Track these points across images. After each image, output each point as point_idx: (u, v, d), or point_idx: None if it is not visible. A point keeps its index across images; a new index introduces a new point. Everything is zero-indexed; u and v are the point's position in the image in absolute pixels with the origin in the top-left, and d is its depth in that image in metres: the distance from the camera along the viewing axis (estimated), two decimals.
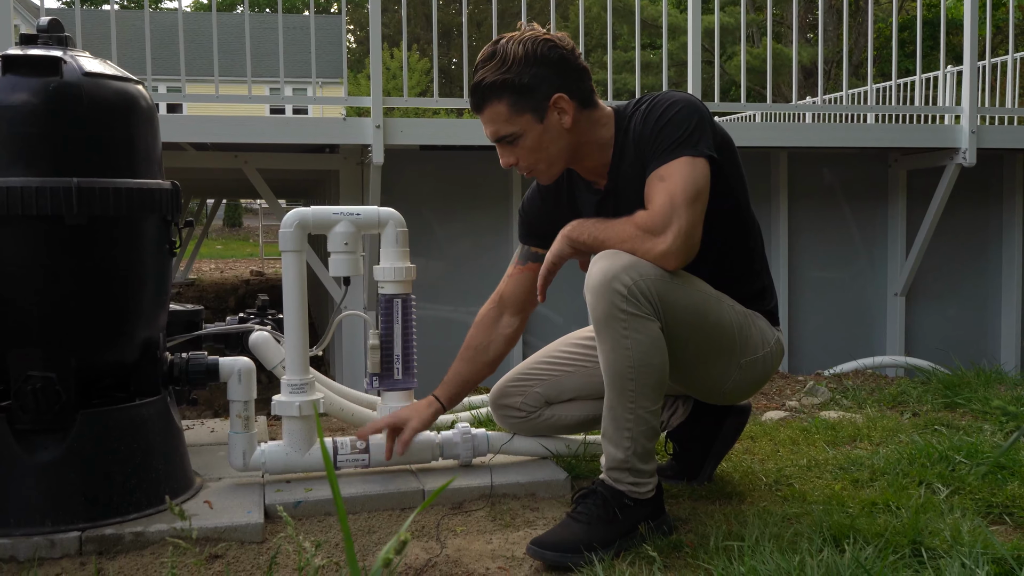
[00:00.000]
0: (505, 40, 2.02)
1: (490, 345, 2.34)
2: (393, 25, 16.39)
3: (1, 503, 1.96)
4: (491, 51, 2.02)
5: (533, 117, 2.01)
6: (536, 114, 2.01)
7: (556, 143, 2.05)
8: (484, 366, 2.35)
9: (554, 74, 2.00)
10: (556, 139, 2.04)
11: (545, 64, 1.99)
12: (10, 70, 1.96)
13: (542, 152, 2.06)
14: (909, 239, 5.42)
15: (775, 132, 5.18)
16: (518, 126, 2.02)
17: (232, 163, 4.88)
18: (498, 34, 2.13)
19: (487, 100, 2.02)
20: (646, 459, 1.95)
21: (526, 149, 2.05)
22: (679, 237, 1.88)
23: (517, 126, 2.02)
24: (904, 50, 11.45)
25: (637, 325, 1.87)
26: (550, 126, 2.03)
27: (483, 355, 2.34)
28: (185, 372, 2.25)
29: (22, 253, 1.98)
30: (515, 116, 2.01)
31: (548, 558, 1.87)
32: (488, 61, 2.01)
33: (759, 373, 2.15)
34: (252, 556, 1.93)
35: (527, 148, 2.05)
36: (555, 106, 2.01)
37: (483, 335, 2.34)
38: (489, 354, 2.34)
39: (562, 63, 2.01)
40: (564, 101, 2.01)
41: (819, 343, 5.45)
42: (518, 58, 1.98)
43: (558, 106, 2.02)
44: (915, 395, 3.56)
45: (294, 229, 2.27)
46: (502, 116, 2.02)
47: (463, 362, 2.34)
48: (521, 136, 2.03)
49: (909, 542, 1.85)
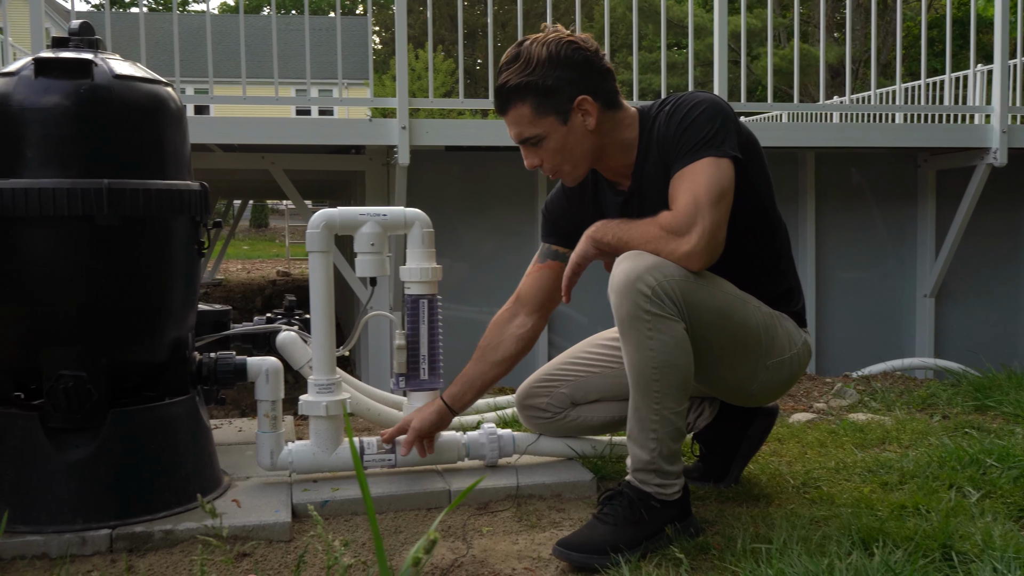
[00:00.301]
0: (529, 42, 2.02)
1: (500, 345, 2.31)
2: (418, 26, 16.45)
3: (33, 500, 1.99)
4: (515, 53, 2.02)
5: (557, 119, 2.01)
6: (560, 116, 2.01)
7: (580, 145, 2.05)
8: (493, 366, 2.31)
9: (578, 76, 2.00)
10: (580, 141, 2.04)
11: (569, 66, 1.99)
12: (42, 73, 1.99)
13: (566, 154, 2.05)
14: (939, 240, 5.37)
15: (802, 132, 5.14)
16: (542, 128, 2.02)
17: (259, 164, 4.92)
18: (523, 35, 2.13)
19: (511, 102, 2.03)
20: (672, 460, 1.94)
21: (550, 151, 2.05)
22: (703, 237, 1.88)
23: (541, 128, 2.02)
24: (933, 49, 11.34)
25: (661, 326, 1.87)
26: (574, 128, 2.02)
27: (492, 354, 2.31)
28: (214, 372, 2.27)
29: (54, 253, 2.00)
30: (539, 118, 2.01)
31: (574, 559, 1.87)
32: (512, 63, 2.01)
33: (786, 375, 2.14)
34: (280, 555, 1.94)
35: (551, 150, 2.05)
36: (579, 108, 2.01)
37: (494, 334, 2.33)
38: (499, 353, 2.31)
39: (586, 65, 2.01)
40: (588, 103, 2.01)
41: (847, 345, 5.41)
42: (542, 60, 1.98)
43: (582, 108, 2.01)
44: (945, 397, 3.52)
45: (321, 230, 2.28)
46: (526, 118, 2.02)
47: (473, 362, 2.33)
48: (545, 138, 2.03)
49: (939, 546, 1.83)
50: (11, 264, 1.99)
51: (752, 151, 2.04)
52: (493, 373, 2.32)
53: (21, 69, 2.01)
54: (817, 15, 18.14)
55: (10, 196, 1.92)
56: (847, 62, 5.45)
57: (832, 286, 5.41)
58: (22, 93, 1.97)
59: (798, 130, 5.22)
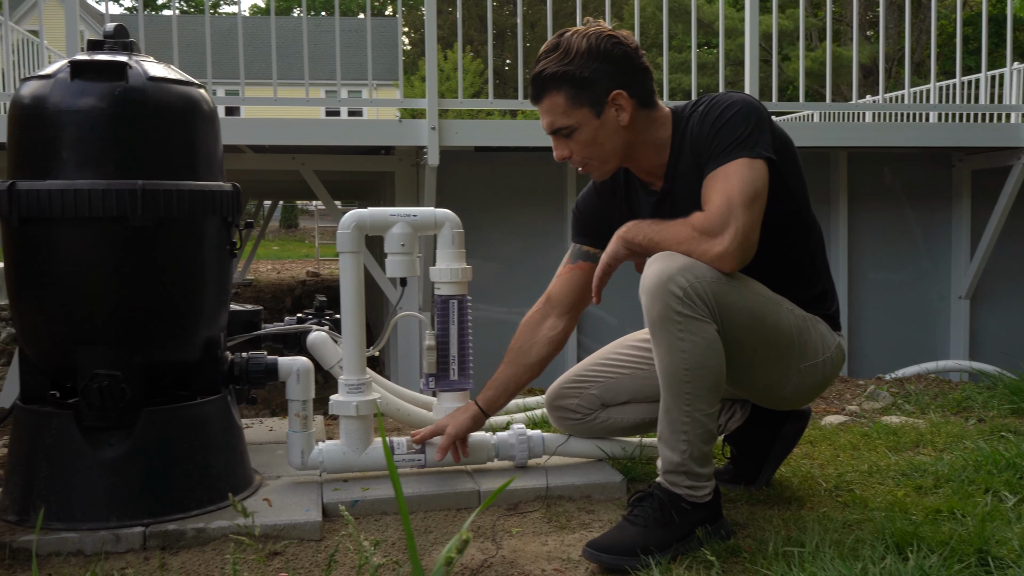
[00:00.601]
0: (570, 33, 2.01)
1: (532, 347, 2.31)
2: (447, 27, 16.50)
3: (68, 498, 2.01)
4: (555, 43, 2.01)
5: (591, 111, 2.00)
6: (594, 108, 2.00)
7: (612, 139, 2.04)
8: (526, 369, 2.31)
9: (615, 70, 1.99)
10: (612, 135, 2.03)
11: (607, 60, 1.99)
12: (78, 75, 2.01)
13: (596, 147, 2.05)
14: (973, 241, 5.30)
15: (834, 132, 5.10)
16: (574, 119, 2.01)
17: (290, 165, 4.95)
18: (552, 34, 2.13)
19: (546, 90, 2.02)
20: (703, 462, 1.93)
21: (581, 143, 2.04)
22: (736, 239, 1.86)
23: (573, 119, 2.02)
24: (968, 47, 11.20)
25: (693, 327, 1.85)
26: (607, 122, 2.02)
27: (525, 357, 2.31)
28: (245, 371, 2.28)
29: (89, 254, 2.02)
30: (573, 109, 2.01)
31: (604, 561, 1.86)
32: (551, 52, 2.01)
33: (819, 378, 2.12)
34: (311, 554, 1.95)
35: (582, 142, 2.04)
36: (613, 102, 2.00)
37: (526, 337, 2.32)
38: (532, 356, 2.31)
39: (624, 60, 2.00)
40: (623, 98, 2.00)
41: (880, 347, 5.36)
42: (581, 51, 1.98)
43: (616, 103, 2.00)
44: (980, 400, 3.48)
45: (352, 230, 2.29)
46: (560, 108, 2.01)
47: (505, 364, 2.32)
48: (577, 129, 2.02)
49: (975, 551, 1.81)
50: (47, 264, 2.02)
51: (786, 152, 2.02)
52: (526, 376, 2.32)
53: (57, 72, 2.04)
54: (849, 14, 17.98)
55: (47, 197, 1.95)
56: (880, 61, 5.40)
57: (865, 287, 5.36)
58: (58, 95, 2.00)
59: (830, 130, 5.18)
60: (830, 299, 2.17)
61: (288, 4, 38.39)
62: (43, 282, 2.04)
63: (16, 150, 2.07)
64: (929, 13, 5.29)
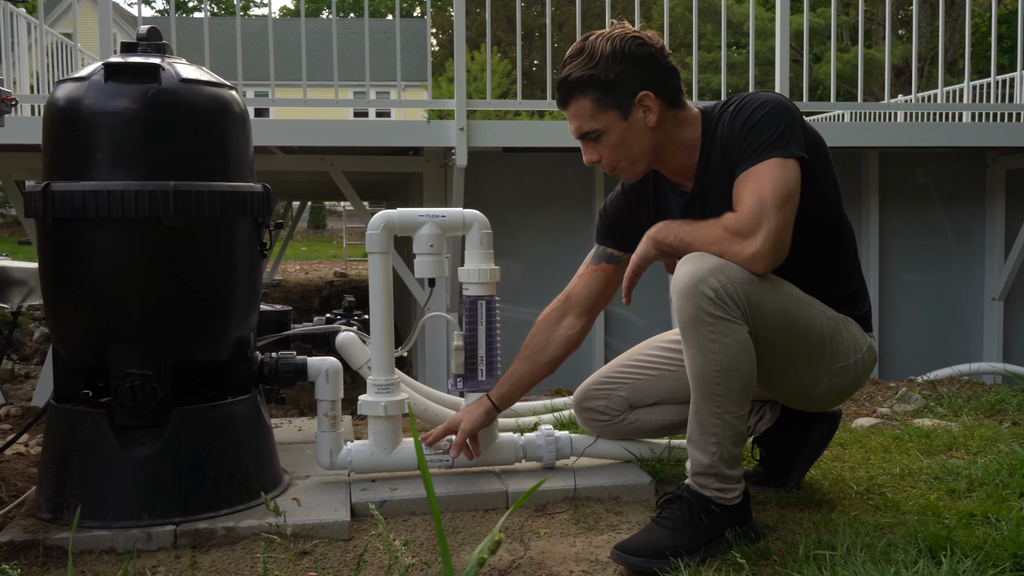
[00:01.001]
0: (594, 36, 2.01)
1: (548, 345, 2.30)
2: (475, 28, 16.52)
3: (101, 496, 2.03)
4: (580, 47, 2.01)
5: (617, 114, 2.00)
6: (621, 111, 2.00)
7: (640, 141, 2.03)
8: (541, 366, 2.30)
9: (641, 72, 1.99)
10: (640, 137, 2.02)
11: (632, 61, 1.98)
12: (112, 77, 2.03)
13: (625, 150, 2.04)
14: (1008, 241, 5.23)
15: (866, 132, 5.06)
16: (602, 123, 2.01)
17: (319, 166, 4.98)
18: (581, 35, 2.13)
19: (572, 95, 2.02)
20: (733, 465, 1.92)
21: (609, 146, 2.04)
22: (768, 239, 1.85)
23: (601, 123, 2.01)
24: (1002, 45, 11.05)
25: (724, 329, 1.84)
26: (634, 123, 2.01)
27: (541, 355, 2.30)
28: (275, 371, 2.30)
29: (121, 254, 2.05)
30: (599, 112, 2.00)
31: (632, 563, 1.86)
32: (576, 56, 2.01)
33: (850, 380, 2.10)
34: (339, 553, 1.96)
35: (610, 145, 2.04)
36: (640, 104, 2.00)
37: (543, 334, 2.31)
38: (547, 354, 2.30)
39: (649, 60, 2.00)
40: (650, 99, 2.00)
41: (912, 348, 5.30)
42: (606, 55, 1.97)
43: (643, 104, 2.00)
44: (1015, 403, 3.43)
45: (381, 231, 2.29)
46: (587, 112, 2.01)
47: (519, 361, 2.31)
48: (604, 133, 2.02)
49: (1010, 556, 1.78)
50: (80, 264, 2.04)
51: (819, 152, 2.00)
52: (540, 373, 2.32)
53: (92, 74, 2.06)
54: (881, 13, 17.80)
55: (80, 198, 1.97)
56: (913, 60, 5.34)
57: (896, 289, 5.31)
58: (92, 97, 2.02)
59: (862, 129, 5.13)
60: (862, 300, 2.15)
61: (317, 5, 38.61)
62: (77, 282, 2.06)
63: (51, 151, 2.09)
64: (963, 11, 5.22)
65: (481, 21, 28.96)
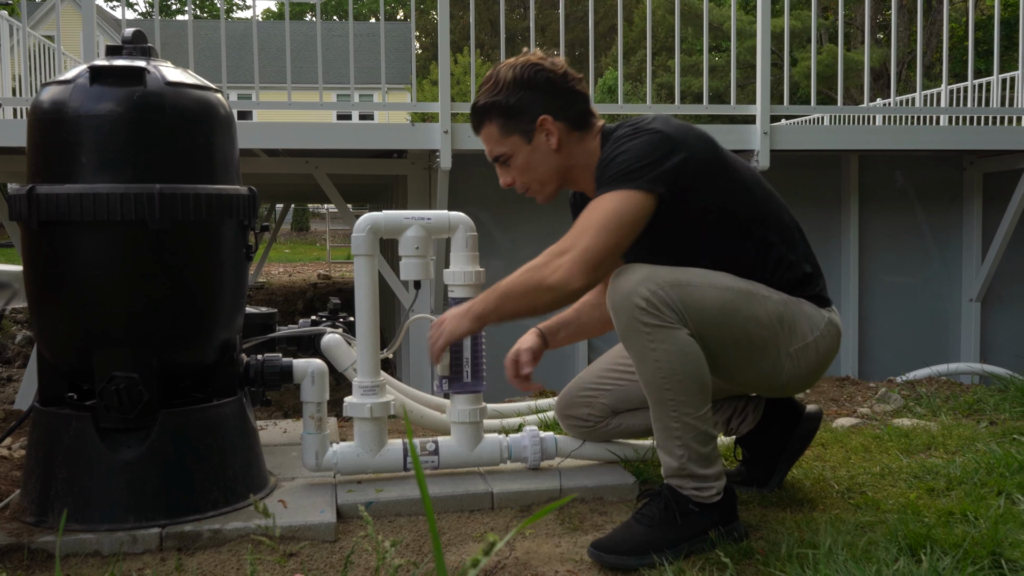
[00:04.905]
0: (501, 65, 2.14)
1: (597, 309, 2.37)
2: (458, 31, 16.53)
3: (86, 499, 2.03)
4: (488, 76, 2.15)
5: (521, 138, 2.11)
6: (524, 135, 2.11)
7: (545, 163, 2.13)
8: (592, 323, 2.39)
9: (541, 97, 2.09)
10: (544, 159, 2.12)
11: (532, 87, 2.09)
12: (97, 80, 2.03)
13: (532, 172, 2.14)
14: (985, 243, 5.28)
15: (845, 135, 5.10)
16: (508, 147, 2.13)
17: (303, 168, 4.97)
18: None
19: (482, 121, 2.15)
20: (704, 463, 1.94)
21: (518, 169, 2.15)
22: (575, 264, 1.90)
23: (507, 147, 2.13)
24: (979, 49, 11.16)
25: (662, 336, 1.87)
26: (538, 147, 2.11)
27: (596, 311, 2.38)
28: (260, 373, 2.30)
29: (107, 257, 2.05)
30: (505, 137, 2.12)
31: (607, 561, 1.88)
32: (484, 85, 2.14)
33: (814, 358, 2.08)
34: (325, 555, 1.97)
35: (518, 168, 2.15)
36: (541, 127, 2.10)
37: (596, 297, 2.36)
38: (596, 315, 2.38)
39: (549, 86, 2.10)
40: (550, 123, 2.09)
41: (891, 349, 5.35)
42: (508, 82, 2.09)
43: (544, 128, 2.10)
44: (992, 403, 3.47)
45: (366, 234, 2.30)
46: (494, 137, 2.14)
47: (571, 309, 2.40)
48: (512, 156, 2.13)
49: (988, 553, 1.81)
50: (65, 267, 2.04)
51: (705, 173, 1.99)
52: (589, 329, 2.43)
53: (77, 77, 2.06)
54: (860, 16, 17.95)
55: (66, 201, 1.97)
56: (892, 64, 5.39)
57: (876, 290, 5.35)
58: (78, 100, 2.02)
59: (841, 132, 5.17)
60: (814, 281, 2.12)
61: (301, 9, 38.50)
62: (62, 285, 2.06)
63: (36, 154, 2.09)
64: (940, 16, 5.28)
65: (464, 24, 28.92)
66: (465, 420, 2.36)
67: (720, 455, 2.01)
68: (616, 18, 4.64)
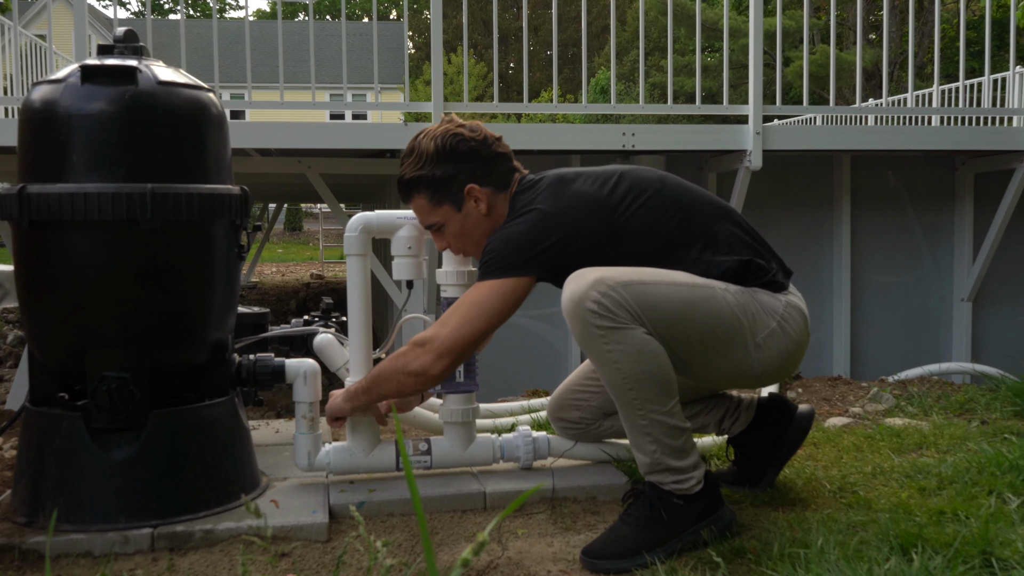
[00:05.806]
0: (422, 135, 2.17)
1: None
2: (451, 31, 16.53)
3: (77, 500, 2.03)
4: (410, 147, 2.18)
5: (451, 207, 2.16)
6: (454, 204, 2.15)
7: (478, 228, 2.17)
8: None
9: (465, 166, 2.13)
10: (477, 224, 2.17)
11: (454, 158, 2.13)
12: (89, 79, 2.03)
13: (466, 237, 2.19)
14: (976, 243, 5.30)
15: (838, 135, 5.10)
16: (440, 216, 2.17)
17: (296, 168, 4.96)
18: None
19: (410, 194, 2.18)
20: (679, 455, 1.94)
21: (452, 235, 2.20)
22: (432, 353, 2.01)
23: (439, 216, 2.18)
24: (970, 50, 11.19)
25: (617, 337, 1.87)
26: (468, 213, 2.16)
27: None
28: (253, 373, 2.30)
29: (98, 257, 2.04)
30: (435, 208, 2.17)
31: (600, 567, 1.88)
32: (408, 157, 2.18)
33: (782, 346, 2.05)
34: (318, 555, 1.97)
35: (452, 234, 2.20)
36: (469, 195, 2.14)
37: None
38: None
39: (471, 155, 2.14)
40: (477, 191, 2.14)
41: (883, 349, 5.36)
42: (430, 154, 2.13)
43: (472, 195, 2.14)
44: (983, 403, 3.48)
45: (359, 233, 2.30)
46: (425, 208, 2.18)
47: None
48: (445, 224, 2.18)
49: (979, 552, 1.82)
50: (57, 267, 2.03)
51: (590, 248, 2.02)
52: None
53: (68, 76, 2.05)
54: (852, 17, 17.98)
55: (57, 201, 1.97)
56: (884, 64, 5.41)
57: (868, 290, 5.37)
58: (69, 99, 2.01)
59: (833, 132, 5.18)
60: (763, 269, 2.08)
61: (294, 8, 38.43)
62: (53, 285, 2.06)
63: (26, 154, 2.08)
64: (932, 17, 5.29)
65: (457, 24, 28.94)
66: (458, 420, 2.36)
67: (695, 445, 2.00)
68: (609, 18, 4.64)
